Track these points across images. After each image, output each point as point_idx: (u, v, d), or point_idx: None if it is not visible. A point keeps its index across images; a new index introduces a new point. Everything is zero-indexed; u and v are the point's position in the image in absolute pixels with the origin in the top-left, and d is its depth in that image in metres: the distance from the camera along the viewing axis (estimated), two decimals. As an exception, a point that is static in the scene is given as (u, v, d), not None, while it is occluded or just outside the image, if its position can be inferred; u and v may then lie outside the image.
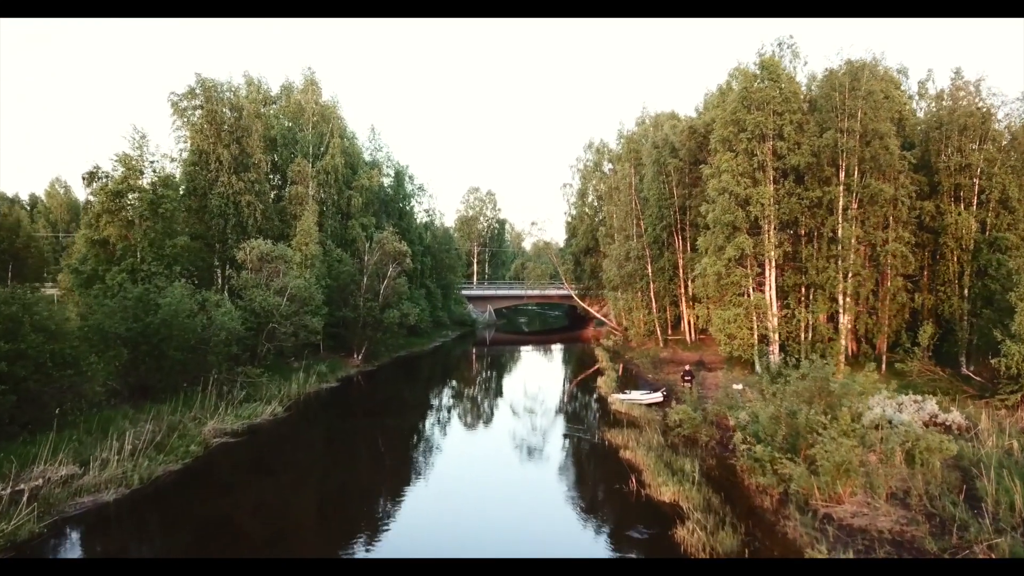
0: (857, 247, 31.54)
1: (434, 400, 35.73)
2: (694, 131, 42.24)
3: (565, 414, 31.34)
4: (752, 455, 18.93)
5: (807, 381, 19.93)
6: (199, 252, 37.12)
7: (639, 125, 61.16)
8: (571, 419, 30.12)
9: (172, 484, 18.42)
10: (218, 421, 24.46)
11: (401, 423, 29.34)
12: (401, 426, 28.76)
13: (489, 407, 33.85)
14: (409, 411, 32.03)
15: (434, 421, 29.68)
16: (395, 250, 41.50)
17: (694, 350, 45.39)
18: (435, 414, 31.34)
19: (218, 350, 27.48)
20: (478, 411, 33.19)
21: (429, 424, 29.12)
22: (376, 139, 60.54)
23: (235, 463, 21.15)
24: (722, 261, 33.53)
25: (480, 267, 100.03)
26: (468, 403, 35.13)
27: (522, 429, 27.56)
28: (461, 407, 33.66)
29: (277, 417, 27.06)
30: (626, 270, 46.74)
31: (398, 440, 26.14)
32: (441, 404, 34.38)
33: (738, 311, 33.29)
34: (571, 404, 34.53)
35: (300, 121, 47.55)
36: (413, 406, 33.45)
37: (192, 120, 38.49)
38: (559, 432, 26.88)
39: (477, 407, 34.20)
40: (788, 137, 32.66)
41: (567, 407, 33.44)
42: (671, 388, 32.77)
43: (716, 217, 33.31)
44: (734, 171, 33.17)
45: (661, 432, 24.09)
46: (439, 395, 37.49)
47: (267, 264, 33.47)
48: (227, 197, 37.30)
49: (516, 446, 24.77)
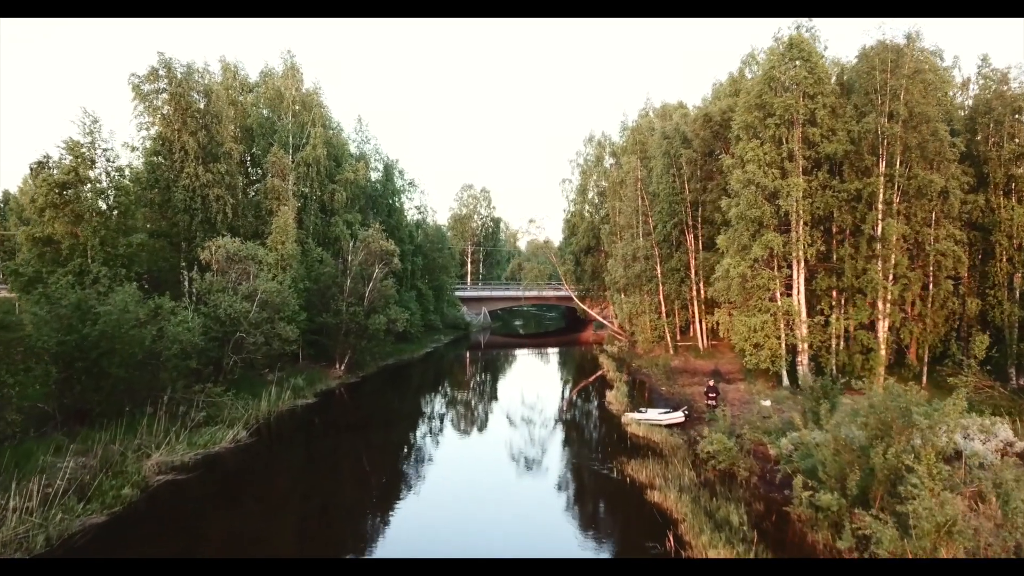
0: (901, 246, 27.98)
1: (423, 419, 31.90)
2: (709, 119, 38.61)
3: (574, 437, 27.60)
4: (815, 504, 15.34)
5: (879, 409, 16.30)
6: (161, 252, 33.30)
7: (642, 117, 57.59)
8: (581, 443, 26.39)
9: (91, 544, 14.59)
10: (167, 452, 20.66)
11: (382, 450, 25.53)
12: (381, 455, 24.96)
13: (486, 426, 30.08)
14: (393, 433, 28.24)
15: (422, 447, 25.85)
16: (382, 249, 37.71)
17: (707, 358, 41.81)
18: (424, 438, 27.50)
19: (172, 365, 23.66)
20: (473, 431, 29.43)
21: (416, 451, 25.29)
22: (363, 130, 56.72)
23: (174, 510, 17.22)
24: (747, 262, 29.94)
25: (474, 267, 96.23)
26: (462, 421, 31.35)
27: (525, 455, 23.83)
28: (454, 426, 29.87)
29: (240, 443, 23.23)
30: (633, 271, 43.07)
31: (376, 476, 22.33)
32: (431, 424, 30.57)
33: (765, 318, 29.68)
34: (579, 423, 30.78)
35: (279, 109, 43.69)
36: (398, 426, 29.67)
37: (155, 105, 34.58)
38: (569, 461, 23.18)
39: (472, 426, 30.44)
40: (821, 122, 29.08)
41: (575, 427, 29.69)
42: (691, 405, 29.15)
43: (740, 212, 29.69)
44: (760, 161, 29.57)
45: (691, 464, 20.45)
46: (429, 412, 33.68)
47: (235, 265, 29.64)
48: (193, 190, 33.44)
49: (519, 479, 21.03)
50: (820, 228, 30.30)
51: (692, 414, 27.11)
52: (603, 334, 64.11)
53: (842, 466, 16.06)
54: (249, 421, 25.73)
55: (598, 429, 28.16)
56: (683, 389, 33.78)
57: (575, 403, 35.52)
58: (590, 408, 33.51)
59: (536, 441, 25.93)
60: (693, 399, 31.27)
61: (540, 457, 23.43)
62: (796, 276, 30.55)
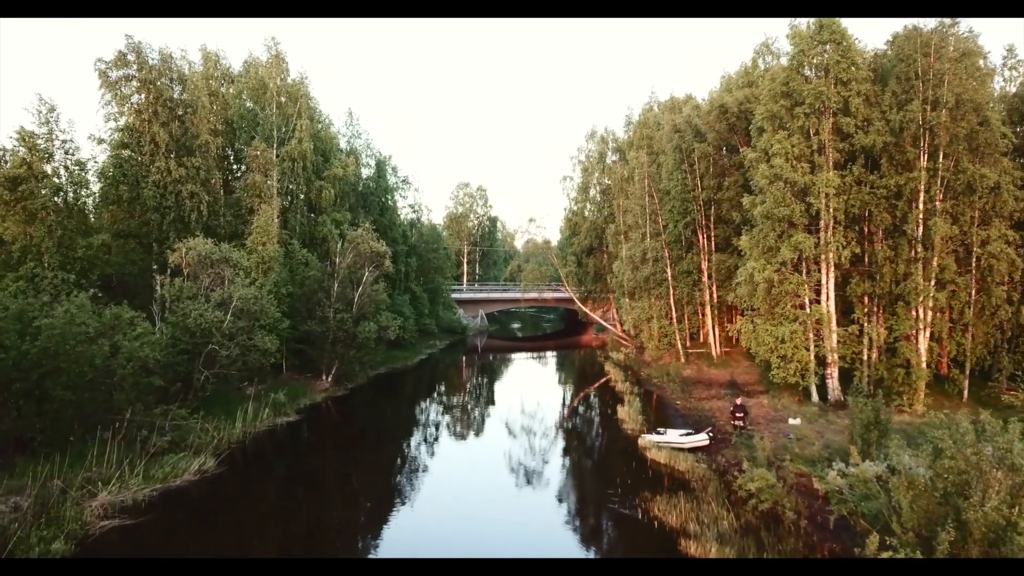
0: (947, 248, 25.27)
1: (415, 441, 28.95)
2: (724, 111, 35.80)
3: (587, 465, 24.69)
4: (895, 564, 12.55)
5: (961, 441, 13.52)
6: (130, 254, 30.33)
7: (646, 112, 54.82)
8: (596, 474, 23.42)
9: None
10: (118, 488, 17.78)
11: (369, 479, 22.65)
12: (368, 485, 22.07)
13: (486, 449, 27.22)
14: (381, 457, 25.38)
15: (413, 475, 22.89)
16: (372, 251, 34.78)
17: (722, 367, 39.07)
18: (415, 465, 24.52)
19: (130, 384, 20.73)
20: (472, 454, 26.56)
21: (405, 481, 22.34)
22: (354, 125, 53.60)
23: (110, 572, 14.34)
24: (773, 265, 27.20)
25: (470, 268, 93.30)
26: (459, 443, 28.47)
27: (533, 486, 20.99)
28: (450, 449, 26.95)
29: (206, 473, 20.31)
30: (642, 274, 40.24)
31: (362, 512, 19.47)
32: (424, 447, 27.63)
33: (794, 327, 26.93)
34: (591, 446, 27.86)
35: (263, 100, 40.73)
36: (387, 448, 26.82)
37: (124, 93, 31.56)
38: (584, 497, 20.35)
39: (470, 448, 27.58)
40: (856, 111, 26.34)
41: (587, 452, 26.79)
42: (714, 424, 26.38)
43: (767, 211, 26.92)
44: (788, 154, 26.82)
45: (725, 500, 17.66)
46: (422, 431, 30.76)
47: (208, 269, 26.72)
48: (164, 186, 30.46)
49: (527, 518, 18.16)
50: (853, 228, 27.57)
51: (716, 435, 24.32)
52: (604, 337, 61.46)
53: (921, 516, 13.29)
54: (220, 446, 22.83)
55: (613, 455, 25.21)
56: (701, 404, 31.00)
57: (584, 421, 32.62)
58: (601, 427, 30.56)
59: (544, 469, 23.07)
60: (713, 415, 28.51)
61: (550, 490, 20.57)
62: (825, 281, 27.85)
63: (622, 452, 24.18)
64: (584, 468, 23.88)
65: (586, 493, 20.61)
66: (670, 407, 31.62)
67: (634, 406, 29.71)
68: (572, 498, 20.02)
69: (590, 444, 28.03)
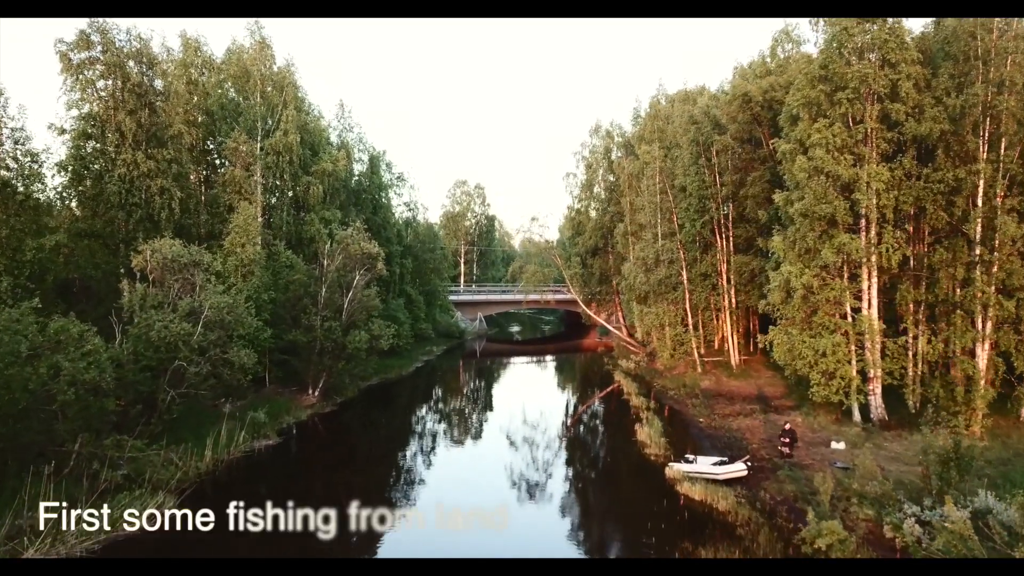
0: (1014, 251, 22.36)
1: (408, 466, 25.92)
2: (748, 100, 32.84)
3: (609, 502, 21.57)
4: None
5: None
6: (95, 256, 27.22)
7: (655, 105, 51.88)
8: (622, 513, 20.19)
9: None
10: (52, 540, 14.71)
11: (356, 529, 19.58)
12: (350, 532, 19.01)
13: (489, 470, 24.22)
14: (369, 490, 22.35)
15: (406, 514, 19.89)
16: (363, 252, 31.71)
17: (742, 378, 36.17)
18: (410, 496, 21.53)
19: (76, 411, 17.64)
20: (473, 482, 23.52)
21: (394, 524, 19.38)
22: (346, 117, 50.55)
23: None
24: (812, 269, 24.29)
25: (467, 268, 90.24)
26: (458, 467, 25.45)
27: (547, 527, 18.01)
28: (448, 475, 23.89)
29: (164, 511, 17.17)
30: (656, 276, 37.25)
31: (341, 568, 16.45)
32: (418, 473, 24.61)
33: (837, 339, 24.01)
34: (611, 475, 24.74)
35: (246, 89, 37.63)
36: (376, 475, 23.81)
37: (88, 78, 28.44)
38: (611, 545, 17.37)
39: (471, 474, 24.58)
40: (906, 96, 23.41)
41: (607, 484, 23.68)
42: (746, 447, 23.47)
43: (806, 208, 23.97)
44: (829, 144, 23.89)
45: (781, 549, 14.73)
46: (417, 453, 27.73)
47: (176, 274, 23.64)
48: (130, 180, 27.35)
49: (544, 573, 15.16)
50: (902, 228, 24.68)
51: (754, 463, 21.35)
52: (609, 341, 58.63)
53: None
54: (186, 479, 19.77)
55: (639, 488, 21.87)
56: (727, 422, 28.06)
57: (601, 443, 29.47)
58: (621, 452, 27.24)
59: (561, 505, 20.09)
60: (744, 437, 25.59)
61: (571, 534, 17.60)
62: (867, 287, 24.95)
63: (648, 484, 21.15)
64: (608, 505, 20.86)
65: (614, 538, 17.65)
66: (692, 426, 28.68)
67: (654, 426, 26.71)
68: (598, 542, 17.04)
69: (611, 474, 24.93)
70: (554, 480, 23.09)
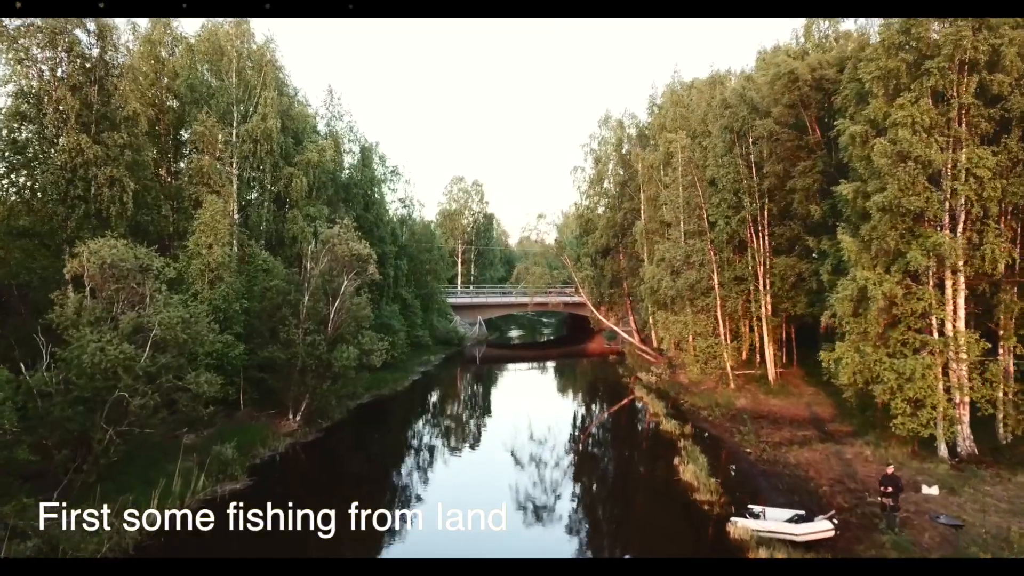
0: None
1: (406, 512, 21.69)
2: (795, 79, 28.62)
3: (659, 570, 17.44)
4: None
5: None
6: (30, 260, 22.84)
7: (664, 97, 47.75)
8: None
9: None
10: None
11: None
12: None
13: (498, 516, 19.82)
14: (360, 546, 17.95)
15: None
16: (352, 254, 27.33)
17: (781, 395, 32.03)
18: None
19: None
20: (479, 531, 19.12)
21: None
22: (335, 104, 45.83)
23: None
24: (895, 276, 20.10)
25: (465, 268, 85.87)
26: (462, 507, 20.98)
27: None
28: (448, 523, 19.55)
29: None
30: (687, 281, 32.96)
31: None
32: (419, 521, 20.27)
33: (928, 361, 19.83)
34: (658, 530, 19.74)
35: (220, 68, 33.19)
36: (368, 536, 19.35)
37: (24, 47, 24.01)
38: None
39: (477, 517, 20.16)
40: (1010, 66, 19.26)
41: (654, 540, 19.02)
42: (817, 490, 19.26)
43: (889, 201, 19.75)
44: (916, 124, 19.70)
45: None
46: (415, 493, 23.39)
47: (120, 282, 19.23)
48: (73, 169, 22.92)
49: None
50: (1008, 225, 20.54)
51: (837, 517, 17.12)
52: (617, 346, 54.56)
53: None
54: (120, 546, 15.43)
55: (698, 553, 17.38)
56: (781, 453, 23.81)
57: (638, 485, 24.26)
58: (665, 498, 21.59)
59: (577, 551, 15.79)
60: (807, 475, 21.39)
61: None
62: (953, 296, 20.82)
63: (708, 548, 16.86)
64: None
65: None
66: (739, 457, 24.41)
67: (697, 461, 22.42)
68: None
69: (658, 529, 19.80)
70: (587, 536, 18.82)
